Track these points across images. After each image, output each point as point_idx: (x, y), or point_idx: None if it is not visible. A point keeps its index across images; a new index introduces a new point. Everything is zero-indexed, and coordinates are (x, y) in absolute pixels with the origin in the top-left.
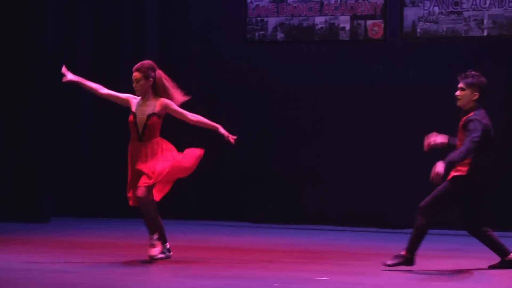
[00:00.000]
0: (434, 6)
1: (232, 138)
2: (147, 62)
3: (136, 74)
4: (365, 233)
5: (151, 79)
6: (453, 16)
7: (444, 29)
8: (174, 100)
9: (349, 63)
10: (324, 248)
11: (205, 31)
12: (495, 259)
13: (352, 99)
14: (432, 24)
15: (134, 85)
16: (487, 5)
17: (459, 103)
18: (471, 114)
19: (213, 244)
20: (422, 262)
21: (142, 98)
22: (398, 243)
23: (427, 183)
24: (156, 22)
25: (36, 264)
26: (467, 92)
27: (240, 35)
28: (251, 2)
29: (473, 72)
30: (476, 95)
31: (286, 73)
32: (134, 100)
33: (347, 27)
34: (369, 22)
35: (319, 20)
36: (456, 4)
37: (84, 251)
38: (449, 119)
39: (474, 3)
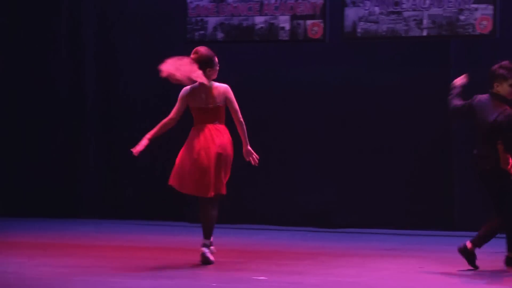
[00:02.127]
0: (375, 6)
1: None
2: None
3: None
4: (303, 232)
5: None
6: (393, 16)
7: (384, 29)
8: None
9: (288, 63)
10: (262, 247)
11: (145, 30)
12: (432, 258)
13: (292, 99)
14: (373, 24)
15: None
16: (426, 5)
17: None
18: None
19: (151, 244)
20: (361, 261)
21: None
22: (337, 243)
23: (366, 183)
24: (93, 18)
25: None
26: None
27: (180, 34)
28: (191, 2)
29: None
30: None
31: (226, 73)
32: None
33: (287, 27)
34: (308, 22)
35: (259, 20)
36: (396, 4)
37: (23, 252)
38: (388, 118)
39: (414, 3)
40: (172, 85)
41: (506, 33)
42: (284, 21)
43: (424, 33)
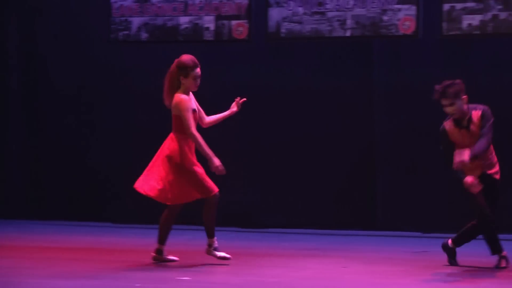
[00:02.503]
0: (298, 6)
1: None
2: None
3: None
4: (226, 232)
5: None
6: (317, 16)
7: (308, 29)
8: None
9: (213, 63)
10: (186, 247)
11: (69, 30)
12: (356, 257)
13: (216, 99)
14: (296, 24)
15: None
16: (350, 6)
17: (456, 116)
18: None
19: (73, 245)
20: (284, 261)
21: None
22: (260, 243)
23: (289, 183)
24: (16, 17)
25: None
26: (458, 102)
27: (104, 34)
28: (115, 2)
29: (447, 83)
30: (465, 98)
31: (150, 73)
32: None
33: (212, 27)
34: (233, 22)
35: (184, 20)
36: (320, 4)
37: None
38: (311, 118)
39: (337, 3)
40: (99, 84)
41: (429, 34)
42: (208, 22)
43: (348, 34)
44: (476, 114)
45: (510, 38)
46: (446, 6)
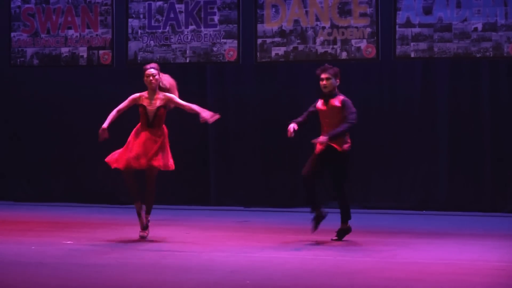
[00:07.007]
0: (150, 40)
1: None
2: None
3: (152, 71)
4: (99, 208)
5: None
6: (164, 48)
7: (158, 57)
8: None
9: (86, 82)
10: (69, 220)
11: None
12: (193, 226)
13: (88, 111)
14: (149, 53)
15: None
16: (188, 40)
17: (326, 90)
18: (340, 96)
19: None
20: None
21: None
22: (123, 216)
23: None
24: None
25: None
26: (333, 80)
27: (6, 61)
28: (14, 36)
29: (329, 65)
30: (338, 82)
31: (42, 90)
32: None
33: (85, 55)
34: (101, 51)
35: (64, 50)
36: (166, 38)
37: None
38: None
39: (179, 38)
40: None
41: (247, 61)
42: (82, 51)
43: (187, 60)
44: (339, 98)
45: (306, 64)
46: (259, 40)
